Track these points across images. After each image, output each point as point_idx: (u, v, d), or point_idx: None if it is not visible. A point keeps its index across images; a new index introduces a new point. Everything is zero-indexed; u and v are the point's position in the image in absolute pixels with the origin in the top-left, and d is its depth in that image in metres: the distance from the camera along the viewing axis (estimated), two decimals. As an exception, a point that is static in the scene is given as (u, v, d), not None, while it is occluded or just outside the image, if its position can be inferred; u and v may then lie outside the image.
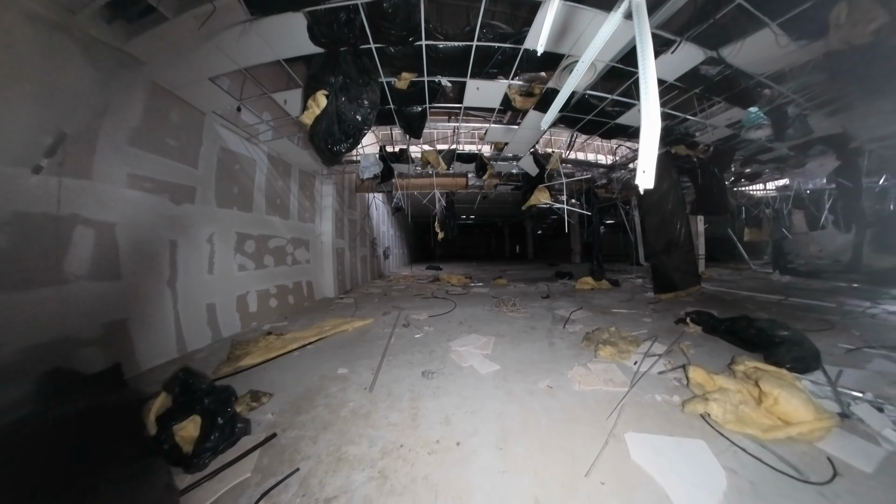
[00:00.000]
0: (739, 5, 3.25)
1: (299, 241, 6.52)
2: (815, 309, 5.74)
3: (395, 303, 6.57)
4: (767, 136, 6.20)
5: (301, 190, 6.74)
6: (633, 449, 1.87)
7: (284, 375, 3.09)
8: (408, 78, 4.14)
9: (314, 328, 4.46)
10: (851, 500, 1.59)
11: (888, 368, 3.24)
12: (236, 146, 4.88)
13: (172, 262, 3.67)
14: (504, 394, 2.67)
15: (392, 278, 10.97)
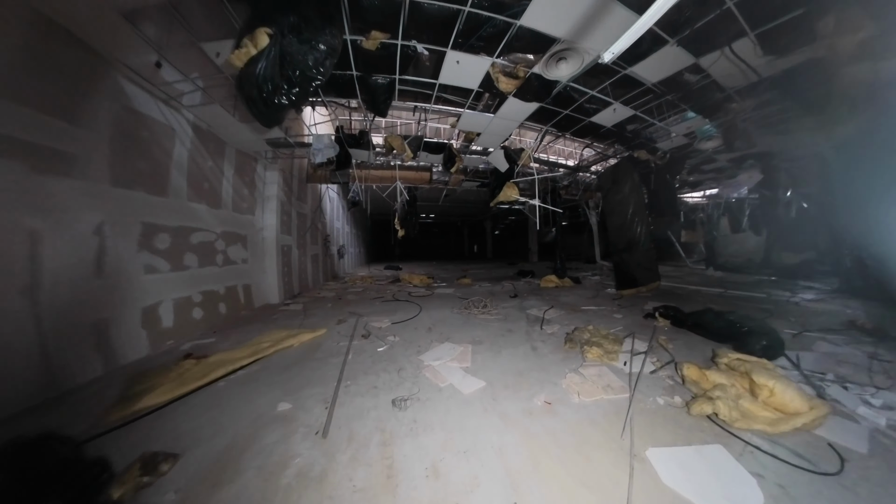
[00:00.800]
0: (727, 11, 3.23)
1: (234, 236, 5.46)
2: (751, 299, 6.42)
3: (352, 308, 5.79)
4: (717, 147, 6.68)
5: (238, 174, 5.66)
6: (660, 470, 1.69)
7: (201, 420, 2.25)
8: (378, 38, 3.48)
9: (250, 346, 3.57)
10: (868, 487, 1.65)
11: (830, 349, 3.64)
12: (148, 108, 3.79)
13: (34, 262, 2.61)
14: (498, 419, 2.19)
15: (348, 280, 9.98)
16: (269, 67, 2.38)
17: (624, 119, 5.97)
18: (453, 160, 6.92)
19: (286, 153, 6.70)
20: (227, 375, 2.89)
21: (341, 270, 11.91)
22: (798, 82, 4.52)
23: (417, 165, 8.46)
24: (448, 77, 4.40)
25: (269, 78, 2.39)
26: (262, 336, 3.90)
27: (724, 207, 12.55)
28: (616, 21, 3.33)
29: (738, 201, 11.74)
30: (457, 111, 5.57)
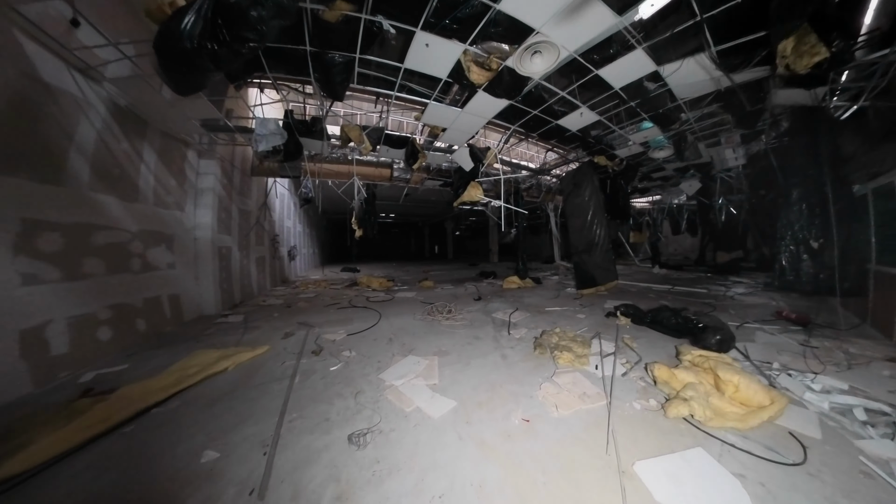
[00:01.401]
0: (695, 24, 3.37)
1: (156, 235, 4.61)
2: (695, 295, 7.02)
3: (303, 317, 5.19)
4: (668, 156, 7.15)
5: (163, 162, 4.80)
6: (651, 485, 1.65)
7: (99, 482, 1.68)
8: (343, 8, 3.04)
9: (172, 373, 2.93)
10: (830, 472, 1.80)
11: (768, 339, 4.01)
12: (58, 77, 3.07)
13: None
14: (475, 447, 1.94)
15: (299, 284, 9.12)
16: (198, 22, 1.87)
17: (589, 124, 6.09)
18: (416, 156, 6.55)
19: (225, 139, 5.86)
20: (137, 416, 2.29)
21: (292, 274, 10.96)
22: (736, 100, 4.89)
23: (377, 161, 7.97)
24: (415, 62, 4.04)
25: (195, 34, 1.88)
26: (189, 359, 3.23)
27: (667, 212, 13.93)
28: (593, 18, 3.28)
29: (679, 207, 13.16)
30: (422, 102, 5.19)
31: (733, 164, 7.14)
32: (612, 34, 3.62)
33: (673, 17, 3.54)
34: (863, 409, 2.38)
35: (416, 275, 11.89)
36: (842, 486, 1.69)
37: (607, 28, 3.45)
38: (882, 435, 2.12)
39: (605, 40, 3.80)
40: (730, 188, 9.29)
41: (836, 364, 3.22)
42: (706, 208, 10.70)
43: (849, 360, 3.31)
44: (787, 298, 6.07)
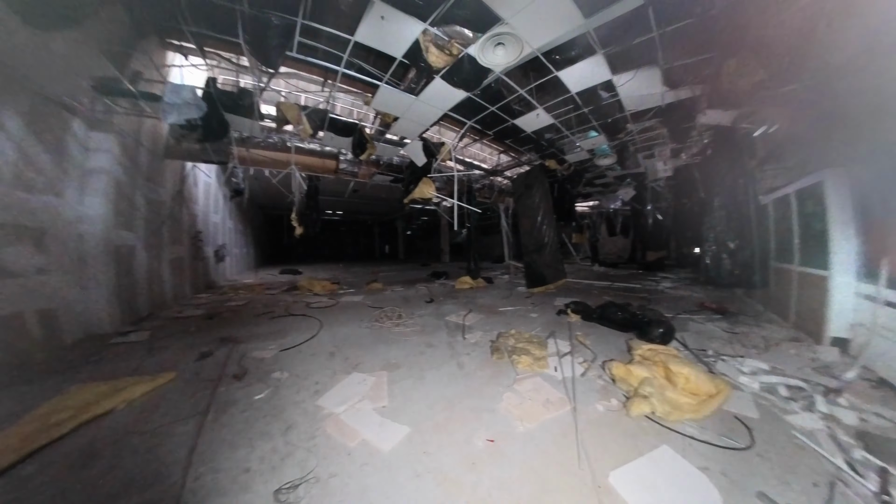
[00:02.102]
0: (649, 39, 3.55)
1: (16, 230, 3.56)
2: (632, 290, 7.65)
3: (227, 330, 4.41)
4: (611, 164, 7.63)
5: (32, 131, 3.70)
6: (628, 497, 1.62)
7: None
8: None
9: (30, 421, 2.14)
10: (774, 450, 1.97)
11: (698, 328, 4.44)
12: None
13: None
14: (435, 484, 1.66)
15: (227, 289, 7.93)
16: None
17: (543, 127, 6.17)
18: (365, 147, 6.02)
19: (127, 108, 4.71)
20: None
21: (220, 277, 9.58)
22: (673, 116, 5.34)
23: (321, 150, 7.22)
24: (368, 36, 3.60)
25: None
26: (61, 398, 2.43)
27: (604, 216, 15.29)
28: (560, 15, 3.21)
29: (615, 211, 14.48)
30: (373, 84, 4.68)
31: (662, 175, 7.87)
32: (576, 36, 3.62)
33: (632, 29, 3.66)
34: (784, 387, 2.68)
35: (364, 276, 11.24)
36: (786, 463, 1.87)
37: (573, 28, 3.44)
38: (803, 408, 2.43)
39: (569, 42, 3.81)
40: (657, 196, 10.31)
41: (755, 347, 3.65)
42: (638, 213, 11.93)
43: (765, 342, 3.76)
44: (704, 291, 6.84)
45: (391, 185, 9.08)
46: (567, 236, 16.08)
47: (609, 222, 15.49)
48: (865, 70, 2.85)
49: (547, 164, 8.06)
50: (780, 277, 4.87)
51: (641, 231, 12.66)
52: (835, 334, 3.47)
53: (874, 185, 3.01)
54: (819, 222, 3.75)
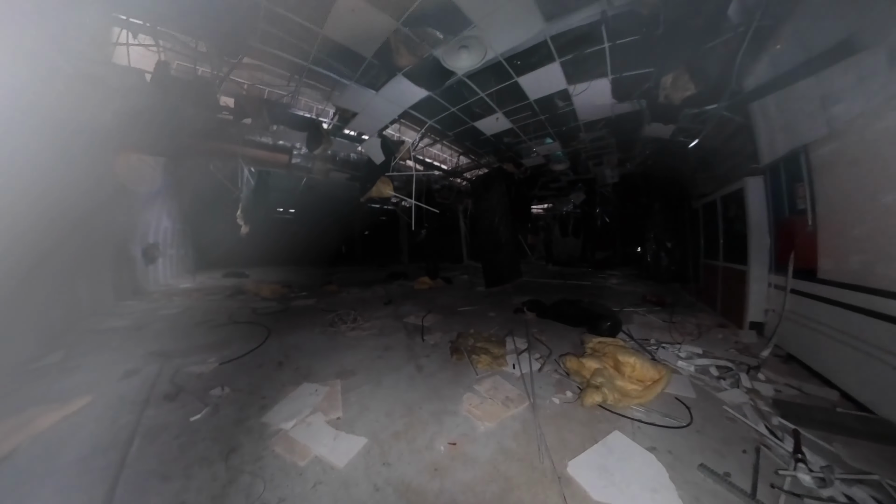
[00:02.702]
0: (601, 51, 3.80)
1: None
2: (583, 286, 8.09)
3: (158, 343, 3.85)
4: (564, 169, 8.10)
5: None
6: (585, 484, 1.69)
7: None
8: None
9: None
10: (709, 426, 2.19)
11: (641, 319, 4.82)
12: None
13: None
14: (397, 497, 1.58)
15: (159, 296, 7.00)
16: None
17: (502, 131, 6.28)
18: (320, 141, 5.67)
19: None
20: None
21: (151, 282, 8.41)
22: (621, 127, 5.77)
23: (273, 144, 6.67)
24: (336, 27, 3.36)
25: None
26: None
27: (557, 217, 16.13)
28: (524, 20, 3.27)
29: (566, 213, 15.37)
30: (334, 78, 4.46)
31: (610, 181, 8.49)
32: (536, 43, 3.73)
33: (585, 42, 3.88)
34: (715, 367, 3.02)
35: (318, 278, 10.65)
36: (719, 435, 2.08)
37: (534, 34, 3.53)
38: (730, 385, 2.72)
39: (529, 49, 3.92)
40: (605, 200, 11.14)
41: (690, 334, 4.05)
42: (588, 216, 12.94)
43: (698, 329, 4.19)
44: (646, 285, 7.43)
45: (348, 183, 8.69)
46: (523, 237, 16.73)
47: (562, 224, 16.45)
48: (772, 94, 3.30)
49: (505, 168, 8.28)
50: (708, 272, 5.45)
51: (591, 232, 13.63)
52: (753, 319, 3.95)
53: (782, 192, 3.46)
54: (739, 224, 4.23)
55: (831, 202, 2.83)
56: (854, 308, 2.50)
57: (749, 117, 4.01)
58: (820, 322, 2.88)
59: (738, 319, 4.17)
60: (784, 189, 3.43)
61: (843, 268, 2.69)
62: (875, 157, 2.34)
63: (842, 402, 2.47)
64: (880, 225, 2.32)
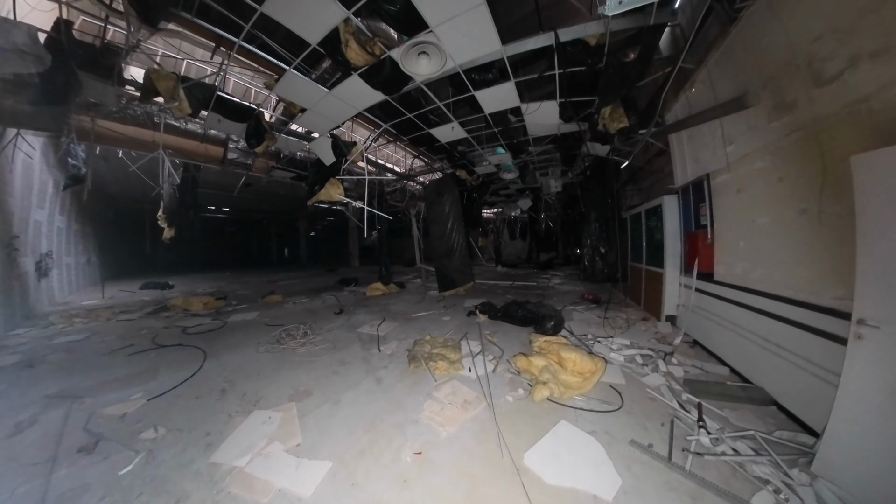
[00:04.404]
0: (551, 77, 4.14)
1: None
2: (529, 287, 8.73)
3: (60, 381, 3.20)
4: (513, 178, 8.61)
5: None
6: (539, 471, 1.88)
7: None
8: None
9: None
10: (637, 406, 2.57)
11: (580, 316, 5.34)
12: None
13: None
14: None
15: (57, 318, 5.72)
16: None
17: (457, 139, 6.42)
18: (261, 136, 5.20)
19: None
20: None
21: (44, 300, 6.91)
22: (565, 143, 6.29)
23: (204, 134, 5.89)
24: (277, 10, 3.08)
25: None
26: None
27: (506, 221, 17.12)
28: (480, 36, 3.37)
29: (515, 218, 16.44)
30: (280, 67, 4.04)
31: (554, 190, 9.24)
32: (494, 59, 3.87)
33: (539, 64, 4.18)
34: (639, 356, 3.51)
35: (259, 287, 9.86)
36: (644, 413, 2.44)
37: (490, 52, 3.66)
38: (651, 370, 3.18)
39: (488, 64, 4.07)
40: (549, 207, 12.12)
41: (620, 328, 4.60)
42: (534, 220, 13.93)
43: (626, 323, 4.77)
44: (585, 285, 8.20)
45: (293, 183, 8.17)
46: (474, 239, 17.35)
47: (510, 227, 17.52)
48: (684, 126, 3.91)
49: (458, 174, 8.48)
50: (634, 274, 6.21)
51: (536, 235, 14.68)
52: (668, 312, 4.63)
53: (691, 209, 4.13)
54: (658, 233, 4.91)
55: (724, 220, 3.47)
56: (737, 303, 3.12)
57: (668, 144, 4.68)
58: (715, 314, 3.51)
59: (657, 313, 4.84)
60: (692, 207, 4.08)
61: (731, 272, 3.32)
62: (753, 189, 2.95)
63: (731, 377, 3.04)
64: (756, 240, 2.93)
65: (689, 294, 4.03)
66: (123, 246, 14.29)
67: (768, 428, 2.24)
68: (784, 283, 2.54)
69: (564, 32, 3.42)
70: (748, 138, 2.96)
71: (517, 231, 17.06)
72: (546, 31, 3.44)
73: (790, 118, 2.43)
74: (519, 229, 16.94)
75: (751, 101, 2.86)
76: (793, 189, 2.45)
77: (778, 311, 2.56)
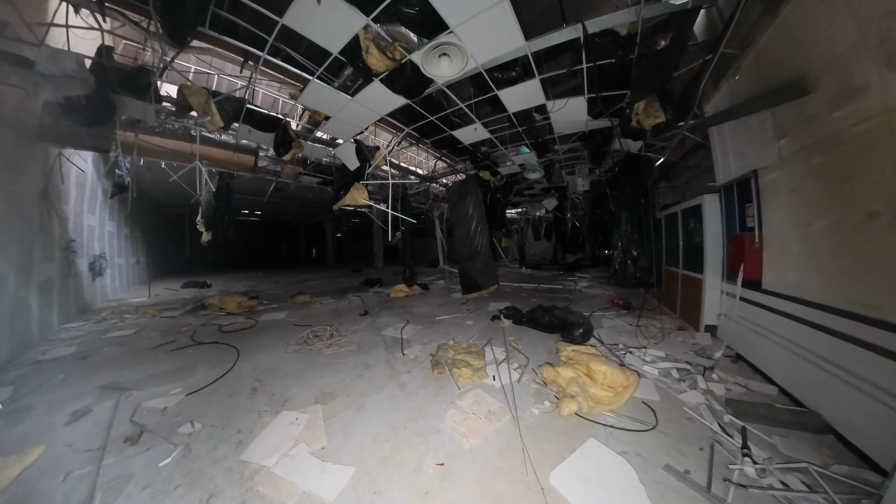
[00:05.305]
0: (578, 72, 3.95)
1: None
2: (555, 290, 8.43)
3: (110, 373, 3.46)
4: (538, 178, 8.40)
5: None
6: (566, 492, 1.78)
7: None
8: None
9: None
10: (671, 426, 2.36)
11: (610, 323, 5.04)
12: None
13: None
14: None
15: (110, 314, 6.28)
16: None
17: (480, 140, 6.34)
18: (289, 145, 5.41)
19: None
20: None
21: (99, 298, 7.60)
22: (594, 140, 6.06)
23: (237, 144, 6.26)
24: (299, 22, 3.16)
25: None
26: None
27: (530, 221, 16.71)
28: (503, 33, 3.27)
29: (539, 218, 15.98)
30: (303, 77, 4.18)
31: (580, 189, 8.92)
32: (518, 56, 3.75)
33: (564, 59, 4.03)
34: (675, 370, 3.26)
35: (288, 287, 10.24)
36: (681, 435, 2.25)
37: (514, 49, 3.55)
38: (689, 386, 2.93)
39: (511, 62, 3.95)
40: (576, 206, 11.67)
41: (653, 338, 4.31)
42: (559, 220, 13.42)
43: (661, 333, 4.47)
44: (615, 289, 7.86)
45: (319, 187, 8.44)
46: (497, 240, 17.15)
47: (534, 228, 17.02)
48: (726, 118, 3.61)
49: (481, 175, 8.38)
50: (669, 278, 5.85)
51: (562, 236, 14.17)
52: (707, 322, 4.30)
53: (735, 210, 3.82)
54: (697, 235, 4.60)
55: (775, 223, 3.16)
56: (790, 315, 2.82)
57: (706, 138, 4.36)
58: (763, 326, 3.20)
59: (695, 322, 4.52)
60: (736, 207, 3.77)
61: (783, 281, 3.02)
62: (811, 188, 2.65)
63: (780, 398, 2.76)
64: (813, 246, 2.63)
65: (732, 303, 3.73)
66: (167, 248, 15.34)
67: (824, 460, 2.00)
68: (848, 296, 2.26)
69: (593, 23, 3.23)
70: (805, 130, 2.65)
71: (542, 231, 16.57)
72: (571, 24, 3.27)
73: (858, 106, 2.13)
74: (543, 229, 16.45)
75: (809, 88, 2.54)
76: (861, 189, 2.17)
77: (839, 328, 2.28)
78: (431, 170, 9.95)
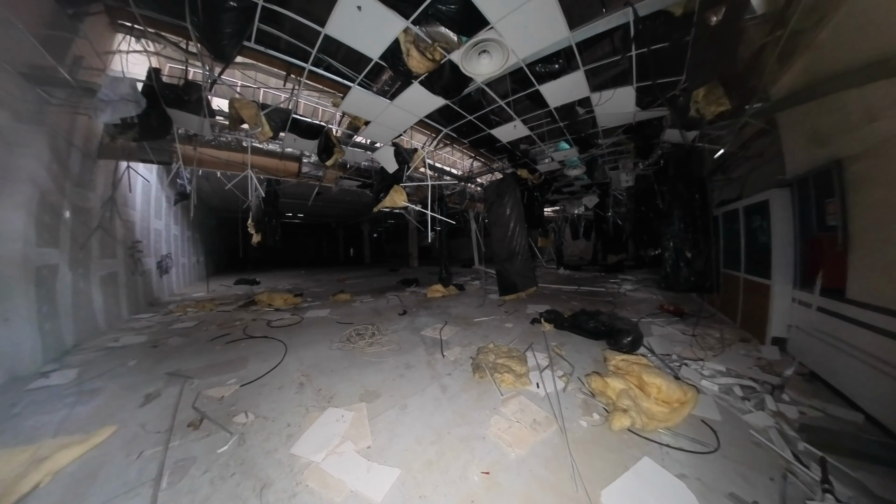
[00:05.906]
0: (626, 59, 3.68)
1: None
2: (597, 293, 7.98)
3: (175, 362, 3.82)
4: (579, 174, 8.01)
5: None
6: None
7: None
8: None
9: None
10: (734, 450, 2.16)
11: (661, 331, 4.72)
12: None
13: None
14: None
15: (174, 307, 7.04)
16: None
17: (519, 138, 6.21)
18: (331, 151, 5.65)
19: (62, 100, 3.99)
20: None
21: (165, 292, 8.59)
22: (641, 133, 5.69)
23: (282, 152, 6.72)
24: (341, 31, 3.25)
25: None
26: None
27: (568, 220, 15.94)
28: (547, 24, 3.16)
29: (578, 216, 15.21)
30: (344, 85, 4.33)
31: (624, 185, 8.42)
32: (561, 48, 3.60)
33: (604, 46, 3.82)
34: (738, 387, 2.94)
35: (329, 285, 10.72)
36: (746, 461, 2.06)
37: (558, 39, 3.41)
38: (755, 406, 2.66)
39: (553, 54, 3.81)
40: (618, 202, 10.96)
41: (712, 349, 3.93)
42: (600, 218, 12.62)
43: (721, 344, 4.07)
44: (664, 294, 7.33)
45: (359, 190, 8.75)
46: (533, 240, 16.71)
47: (572, 226, 16.25)
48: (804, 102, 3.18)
49: (519, 173, 8.19)
50: (729, 283, 5.33)
51: (603, 235, 13.38)
52: (775, 334, 3.85)
53: (811, 207, 3.37)
54: (763, 235, 4.14)
55: (864, 221, 2.74)
56: (882, 331, 2.43)
57: (771, 124, 3.90)
58: (846, 342, 2.80)
59: (760, 333, 4.07)
60: (813, 203, 3.33)
61: (874, 289, 2.61)
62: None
63: (866, 427, 2.40)
64: (920, 249, 2.25)
65: (806, 313, 3.31)
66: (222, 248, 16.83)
67: (923, 505, 1.70)
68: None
69: (644, 6, 2.99)
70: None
71: (580, 230, 15.76)
72: (614, 9, 3.05)
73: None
74: (582, 228, 15.65)
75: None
76: None
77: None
78: (468, 170, 9.91)
